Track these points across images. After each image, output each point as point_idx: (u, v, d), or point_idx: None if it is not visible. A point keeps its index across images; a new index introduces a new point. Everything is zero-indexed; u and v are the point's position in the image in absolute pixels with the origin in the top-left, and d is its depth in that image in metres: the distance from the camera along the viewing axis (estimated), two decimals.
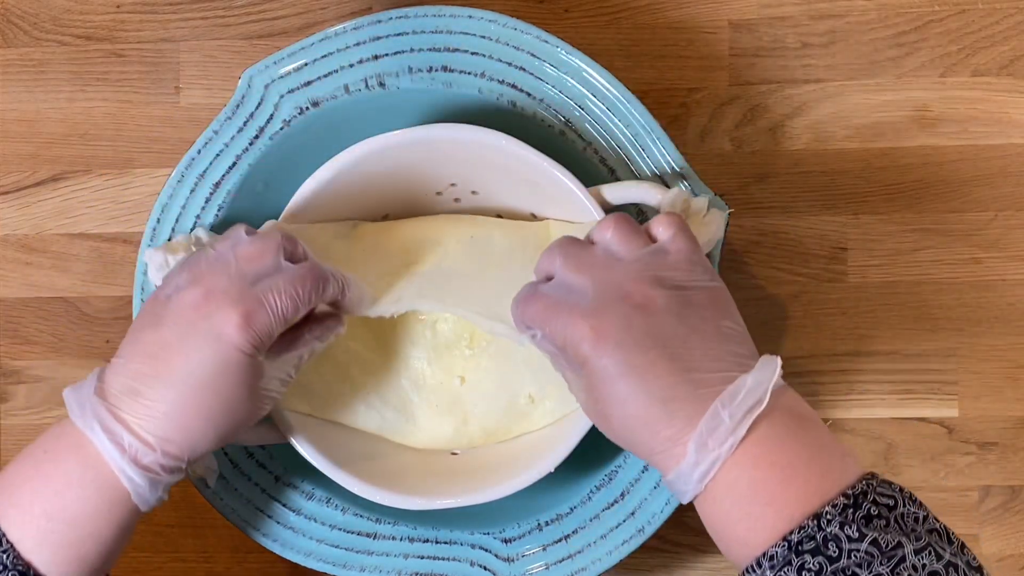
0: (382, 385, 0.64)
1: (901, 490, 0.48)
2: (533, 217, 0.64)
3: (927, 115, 0.70)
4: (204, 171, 0.65)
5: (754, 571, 0.47)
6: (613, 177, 0.64)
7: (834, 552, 0.45)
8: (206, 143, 0.64)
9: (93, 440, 0.52)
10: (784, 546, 0.46)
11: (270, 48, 0.71)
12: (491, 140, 0.59)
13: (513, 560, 0.65)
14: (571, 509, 0.65)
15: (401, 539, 0.66)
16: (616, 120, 0.63)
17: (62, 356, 0.73)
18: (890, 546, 0.45)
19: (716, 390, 0.49)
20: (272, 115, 0.64)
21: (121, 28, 0.73)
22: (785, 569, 0.46)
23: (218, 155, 0.65)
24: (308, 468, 0.61)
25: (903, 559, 0.44)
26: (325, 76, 0.64)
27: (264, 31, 0.72)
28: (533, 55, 0.63)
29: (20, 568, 0.50)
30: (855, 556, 0.45)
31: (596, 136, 0.64)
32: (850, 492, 0.47)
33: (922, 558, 0.45)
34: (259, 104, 0.64)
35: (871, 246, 0.70)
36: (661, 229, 0.53)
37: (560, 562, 0.65)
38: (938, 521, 0.48)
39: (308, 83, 0.64)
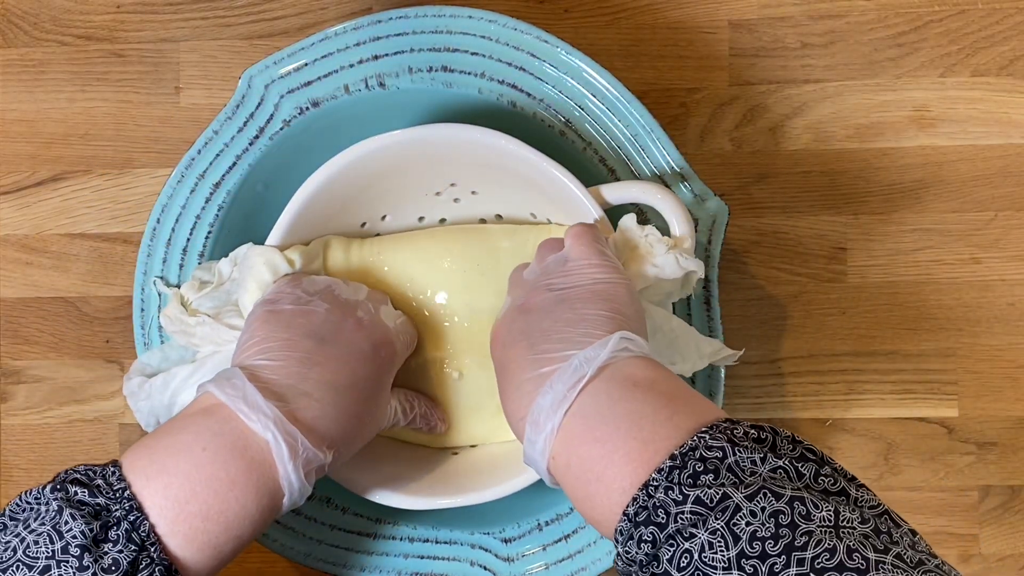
0: None
1: (746, 433, 0.46)
2: (533, 217, 0.64)
3: (927, 115, 0.70)
4: (204, 171, 0.65)
5: (615, 549, 0.47)
6: (613, 177, 0.64)
7: (662, 518, 0.44)
8: (206, 143, 0.64)
9: (270, 443, 0.51)
10: (625, 519, 0.46)
11: (270, 48, 0.71)
12: (491, 140, 0.59)
13: (513, 560, 0.65)
14: (571, 509, 0.65)
15: (401, 539, 0.66)
16: (616, 120, 0.64)
17: (62, 356, 0.73)
18: (715, 500, 0.43)
19: (556, 368, 0.50)
20: (272, 115, 0.64)
21: (121, 28, 0.73)
22: (628, 544, 0.45)
23: (218, 155, 0.65)
24: None
25: (737, 508, 0.42)
26: (325, 76, 0.64)
27: (264, 31, 0.72)
28: (533, 55, 0.63)
29: (164, 564, 0.48)
30: (682, 519, 0.43)
31: (596, 136, 0.64)
32: (676, 452, 0.45)
33: (758, 501, 0.42)
34: (259, 104, 0.64)
35: (871, 246, 0.70)
36: (566, 239, 0.57)
37: (560, 562, 0.65)
38: (787, 457, 0.45)
39: (308, 83, 0.64)
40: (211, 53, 0.72)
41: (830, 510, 0.42)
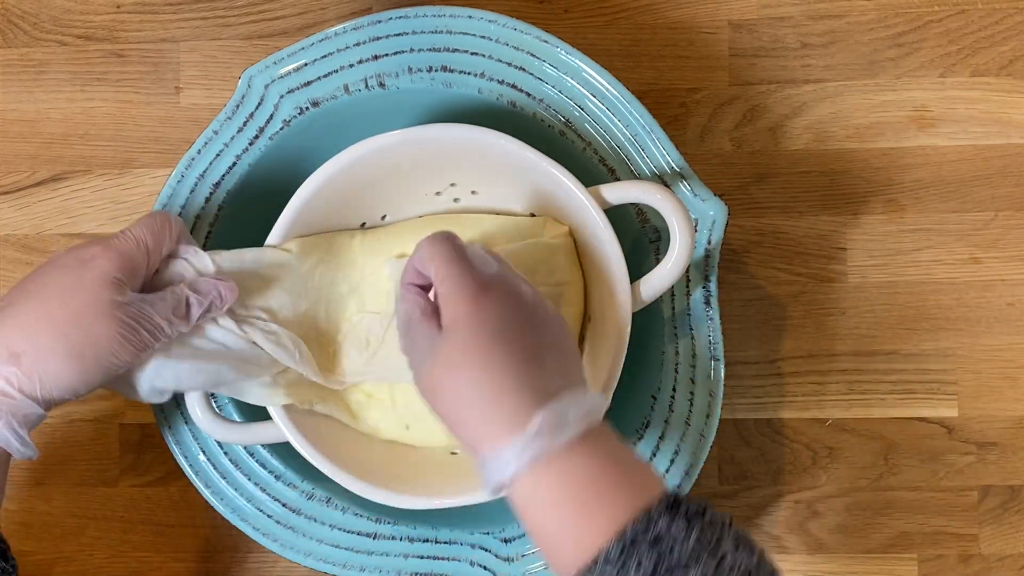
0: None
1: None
2: (533, 217, 0.64)
3: (926, 115, 0.70)
4: (204, 171, 0.65)
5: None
6: (613, 177, 0.64)
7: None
8: (206, 143, 0.65)
9: None
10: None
11: (270, 48, 0.71)
12: (491, 140, 0.59)
13: (513, 560, 0.65)
14: None
15: (401, 539, 0.66)
16: (616, 120, 0.64)
17: None
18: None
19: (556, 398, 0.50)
20: (272, 115, 0.64)
21: (121, 28, 0.73)
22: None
23: (218, 155, 0.65)
24: (308, 468, 0.61)
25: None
26: (325, 76, 0.64)
27: (264, 31, 0.72)
28: (533, 55, 0.63)
29: None
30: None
31: (596, 136, 0.64)
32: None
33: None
34: (259, 104, 0.64)
35: (871, 246, 0.70)
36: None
37: None
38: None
39: (308, 83, 0.64)
40: (211, 53, 0.72)
41: None
